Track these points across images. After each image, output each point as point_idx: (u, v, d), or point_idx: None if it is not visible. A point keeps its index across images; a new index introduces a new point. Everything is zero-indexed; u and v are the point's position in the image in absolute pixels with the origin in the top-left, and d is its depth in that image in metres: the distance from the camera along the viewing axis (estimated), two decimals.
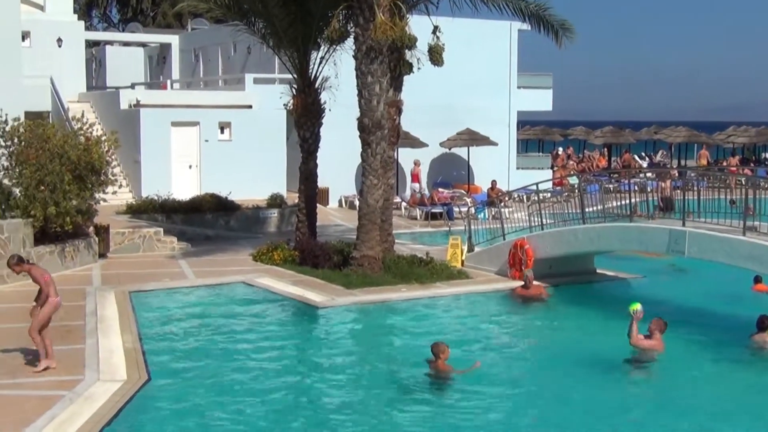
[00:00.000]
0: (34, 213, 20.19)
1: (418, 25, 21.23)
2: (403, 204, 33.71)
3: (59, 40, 36.91)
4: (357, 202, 25.25)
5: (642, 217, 20.25)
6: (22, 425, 11.03)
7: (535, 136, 57.75)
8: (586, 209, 20.87)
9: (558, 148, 55.33)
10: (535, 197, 24.09)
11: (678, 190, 20.95)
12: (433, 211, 31.98)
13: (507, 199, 29.31)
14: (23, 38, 30.67)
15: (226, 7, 24.40)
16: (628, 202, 21.14)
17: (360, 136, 21.12)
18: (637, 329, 15.06)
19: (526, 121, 52.89)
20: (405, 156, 34.41)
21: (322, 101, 23.71)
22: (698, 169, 35.33)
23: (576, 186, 25.67)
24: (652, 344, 15.20)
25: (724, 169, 40.91)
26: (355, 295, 19.27)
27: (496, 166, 37.63)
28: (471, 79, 36.31)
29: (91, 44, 47.18)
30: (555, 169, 43.05)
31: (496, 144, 37.04)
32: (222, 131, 32.23)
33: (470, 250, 23.15)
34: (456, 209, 31.77)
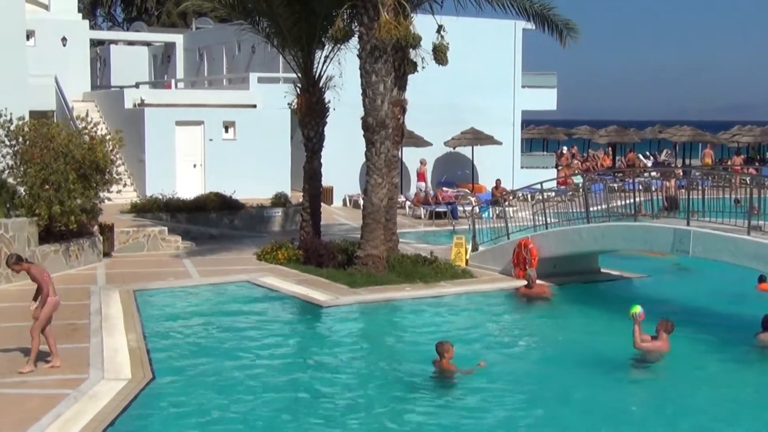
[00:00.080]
0: (39, 212, 20.23)
1: (423, 25, 21.21)
2: (407, 203, 33.71)
3: (64, 40, 37.00)
4: (361, 201, 25.22)
5: (646, 216, 20.21)
6: (27, 423, 11.06)
7: (540, 135, 57.77)
8: (591, 208, 20.84)
9: (562, 148, 55.26)
10: (540, 196, 24.05)
11: (682, 190, 20.93)
12: (438, 210, 31.96)
13: (511, 198, 29.31)
14: (28, 37, 30.66)
15: (231, 6, 24.40)
16: (632, 201, 21.09)
17: (364, 136, 21.13)
18: (639, 332, 15.00)
19: (530, 121, 52.89)
20: (409, 155, 34.41)
21: (327, 100, 23.74)
22: (703, 169, 35.29)
23: (580, 185, 25.65)
24: (657, 345, 15.11)
25: (729, 168, 40.82)
26: (360, 294, 19.28)
27: (501, 165, 37.62)
28: (475, 79, 36.30)
29: (95, 43, 47.19)
30: (559, 169, 43.04)
31: (500, 143, 37.01)
32: (226, 130, 32.26)
33: (474, 249, 23.14)
34: (460, 208, 31.76)
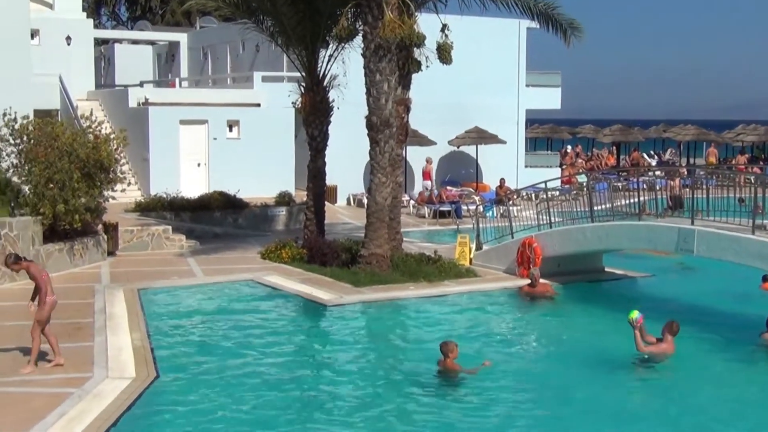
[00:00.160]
0: (43, 211, 20.24)
1: (427, 23, 21.20)
2: (412, 202, 33.70)
3: (68, 39, 36.98)
4: (365, 200, 25.26)
5: (651, 215, 20.19)
6: (32, 422, 11.07)
7: (544, 134, 57.69)
8: (595, 207, 20.82)
9: (567, 147, 55.22)
10: (544, 195, 24.04)
11: (687, 189, 20.90)
12: (442, 209, 31.94)
13: (515, 197, 29.29)
14: (32, 36, 30.73)
15: (235, 6, 24.42)
16: (636, 200, 21.06)
17: (368, 134, 21.11)
18: (640, 336, 14.92)
19: (534, 120, 52.86)
20: (413, 154, 34.39)
21: (331, 99, 23.74)
22: (707, 168, 35.23)
23: (585, 184, 25.63)
24: (662, 348, 15.03)
25: (733, 168, 40.76)
26: (364, 293, 19.28)
27: (505, 164, 37.57)
28: (479, 78, 36.27)
29: (99, 42, 47.27)
30: (564, 168, 42.96)
31: (504, 142, 36.98)
32: (230, 129, 32.27)
33: (478, 248, 23.12)
34: (464, 207, 31.73)
